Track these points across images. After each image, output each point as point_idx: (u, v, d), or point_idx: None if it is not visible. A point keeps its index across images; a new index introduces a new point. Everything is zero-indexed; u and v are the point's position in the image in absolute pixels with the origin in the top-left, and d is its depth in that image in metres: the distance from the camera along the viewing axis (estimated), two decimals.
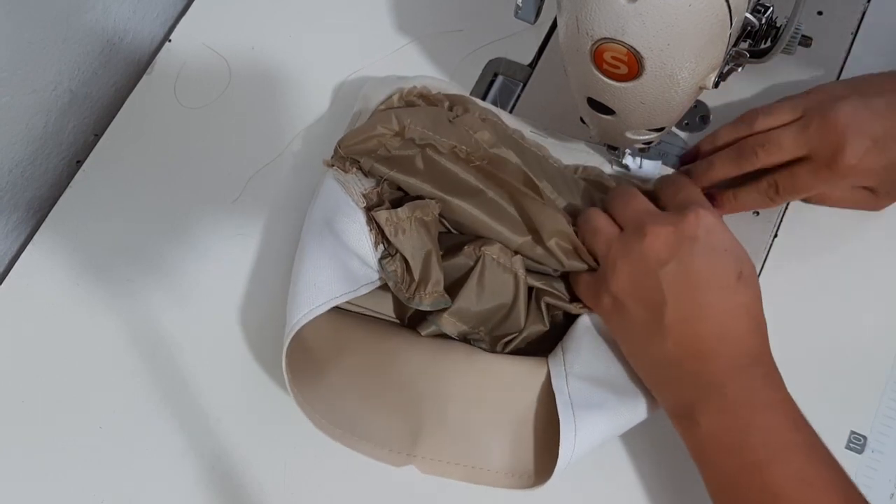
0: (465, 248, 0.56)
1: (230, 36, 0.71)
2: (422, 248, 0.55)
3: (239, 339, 0.61)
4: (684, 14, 0.43)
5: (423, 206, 0.56)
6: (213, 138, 0.68)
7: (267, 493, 0.57)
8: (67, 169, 0.71)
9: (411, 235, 0.55)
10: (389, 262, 0.55)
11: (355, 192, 0.56)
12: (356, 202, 0.56)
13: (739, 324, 0.49)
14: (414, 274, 0.54)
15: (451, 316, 0.55)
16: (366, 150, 0.58)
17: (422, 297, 0.54)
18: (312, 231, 0.56)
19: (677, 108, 0.50)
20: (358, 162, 0.58)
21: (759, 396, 0.47)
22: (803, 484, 0.45)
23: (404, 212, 0.55)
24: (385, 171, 0.57)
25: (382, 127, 0.57)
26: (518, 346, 0.56)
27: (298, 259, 0.55)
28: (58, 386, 0.61)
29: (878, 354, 0.56)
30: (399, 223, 0.55)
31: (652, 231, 0.50)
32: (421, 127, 0.57)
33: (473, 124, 0.59)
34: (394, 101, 0.61)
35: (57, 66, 0.66)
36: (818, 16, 0.64)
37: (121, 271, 0.64)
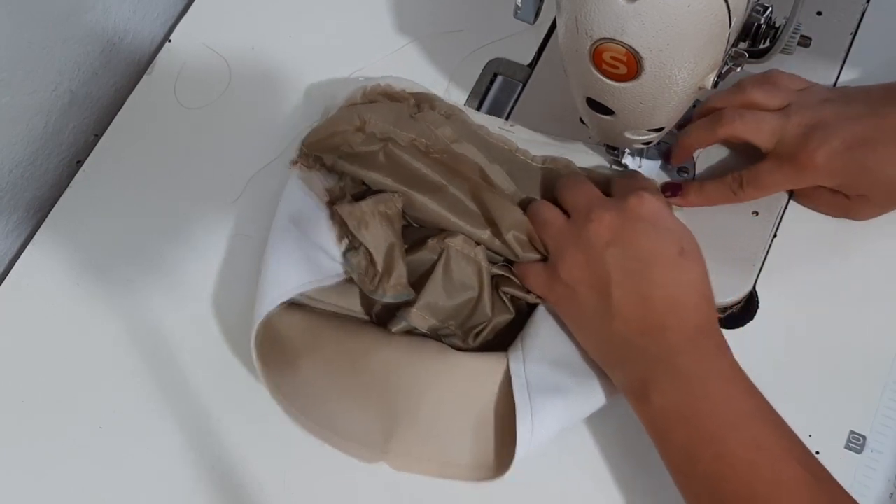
0: (429, 242, 0.57)
1: (230, 36, 0.71)
2: (385, 241, 0.55)
3: (239, 339, 0.61)
4: (683, 14, 0.43)
5: (386, 199, 0.56)
6: (213, 138, 0.68)
7: (267, 493, 0.57)
8: (67, 169, 0.71)
9: (375, 229, 0.55)
10: (353, 255, 0.56)
11: (318, 188, 0.58)
12: (320, 198, 0.57)
13: (685, 298, 0.50)
14: (377, 266, 0.55)
15: (419, 311, 0.56)
16: (329, 147, 0.59)
17: (385, 289, 0.55)
18: (277, 228, 0.57)
19: (676, 108, 0.50)
20: (321, 159, 0.59)
21: (708, 367, 0.48)
22: (759, 451, 0.45)
23: (367, 205, 0.55)
24: (347, 166, 0.58)
25: (344, 123, 0.58)
26: (487, 338, 0.57)
27: (265, 254, 0.57)
28: (58, 386, 0.61)
29: (878, 354, 0.56)
30: (362, 217, 0.55)
31: (597, 216, 0.52)
32: (382, 122, 0.58)
33: (435, 120, 0.59)
34: (357, 99, 0.62)
35: (57, 66, 0.66)
36: (818, 16, 0.64)
37: (121, 271, 0.64)
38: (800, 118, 0.54)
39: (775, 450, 0.46)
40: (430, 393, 0.54)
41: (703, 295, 0.50)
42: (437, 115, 0.60)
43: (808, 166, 0.53)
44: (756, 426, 0.46)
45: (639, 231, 0.51)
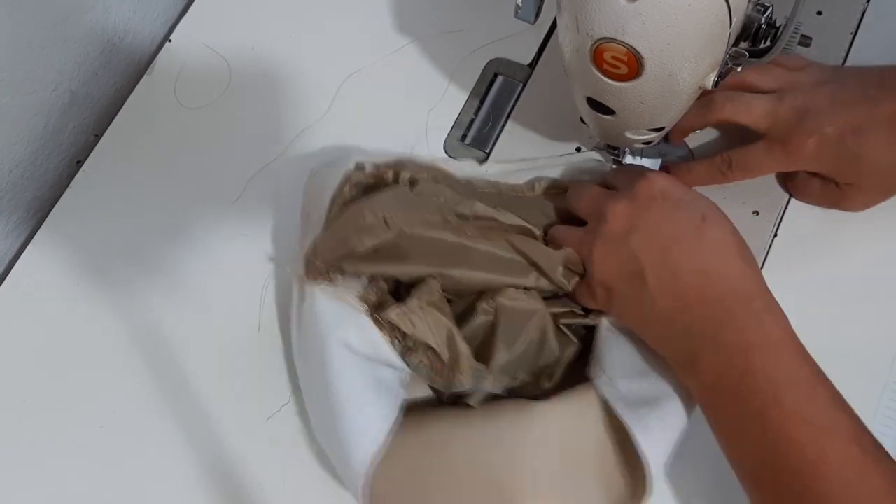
0: (480, 306, 0.54)
1: (230, 36, 0.71)
2: (441, 330, 0.52)
3: (239, 338, 0.61)
4: (684, 14, 0.43)
5: (427, 288, 0.53)
6: (213, 138, 0.68)
7: (267, 493, 0.57)
8: (67, 169, 0.71)
9: (428, 323, 0.52)
10: (413, 356, 0.53)
11: (352, 300, 0.53)
12: (357, 309, 0.53)
13: (715, 264, 0.49)
14: (443, 357, 0.52)
15: (494, 378, 0.53)
16: (344, 255, 0.54)
17: (460, 379, 0.52)
18: (332, 358, 0.52)
19: (677, 108, 0.50)
20: (341, 268, 0.54)
21: (750, 339, 0.47)
22: (804, 423, 0.44)
23: (412, 303, 0.52)
24: (373, 267, 0.54)
25: (352, 226, 0.54)
26: (560, 375, 0.55)
27: (324, 391, 0.52)
28: (58, 386, 0.61)
29: (878, 354, 0.56)
30: (412, 316, 0.52)
31: (610, 210, 0.52)
32: (392, 212, 0.54)
33: (435, 190, 0.57)
34: (346, 194, 0.57)
35: (57, 66, 0.66)
36: (818, 16, 0.64)
37: (121, 271, 0.64)
38: (792, 101, 0.54)
39: (820, 423, 0.44)
40: (529, 456, 0.51)
41: (736, 255, 0.49)
42: (429, 183, 0.58)
43: (799, 152, 0.53)
44: (800, 398, 0.45)
45: (655, 211, 0.51)
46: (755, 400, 0.45)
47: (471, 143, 0.66)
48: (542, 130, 0.64)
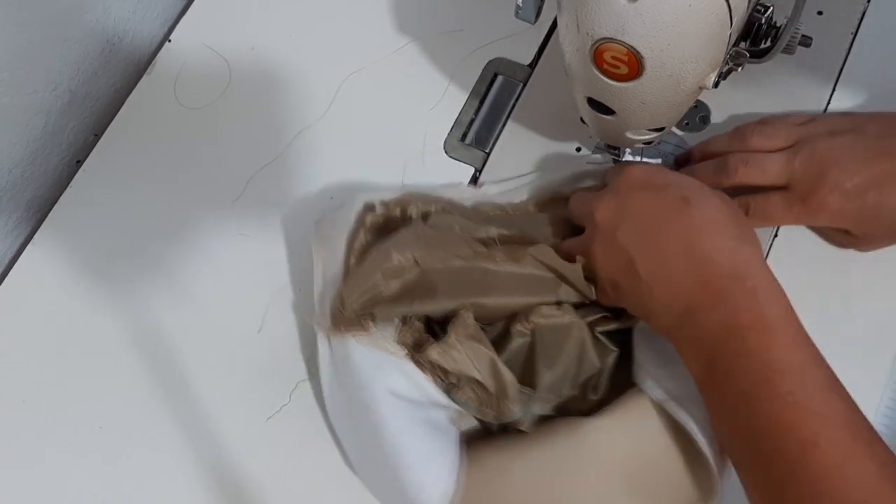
0: (514, 329, 0.54)
1: (230, 36, 0.71)
2: (483, 361, 0.52)
3: (239, 338, 0.61)
4: (684, 14, 0.43)
5: (462, 321, 0.52)
6: (213, 138, 0.68)
7: (267, 493, 0.57)
8: (67, 169, 0.71)
9: (468, 355, 0.51)
10: (459, 393, 0.52)
11: (389, 346, 0.52)
12: (396, 354, 0.52)
13: (701, 245, 0.48)
14: (490, 389, 0.52)
15: (541, 399, 0.53)
16: (372, 299, 0.53)
17: (511, 407, 0.52)
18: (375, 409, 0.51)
19: (677, 108, 0.50)
20: (373, 315, 0.53)
21: (743, 320, 0.46)
22: (793, 406, 0.43)
23: (451, 338, 0.51)
24: (406, 309, 0.53)
25: (377, 271, 0.53)
26: (605, 385, 0.55)
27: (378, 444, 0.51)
28: (58, 386, 0.61)
29: (878, 354, 0.56)
30: (453, 352, 0.51)
31: (597, 208, 0.52)
32: (420, 251, 0.53)
33: (447, 221, 0.57)
34: (362, 239, 0.56)
35: (57, 66, 0.66)
36: (818, 16, 0.64)
37: (121, 271, 0.64)
38: (809, 154, 0.53)
39: (809, 406, 0.44)
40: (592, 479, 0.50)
41: (724, 233, 0.48)
42: (444, 215, 0.57)
43: (821, 209, 0.53)
44: (791, 381, 0.44)
45: (636, 201, 0.51)
46: (745, 381, 0.45)
47: (471, 142, 0.66)
48: (542, 130, 0.64)
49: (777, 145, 0.55)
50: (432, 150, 0.65)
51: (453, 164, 0.65)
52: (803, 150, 0.53)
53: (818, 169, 0.53)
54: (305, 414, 0.58)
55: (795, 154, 0.53)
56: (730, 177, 0.55)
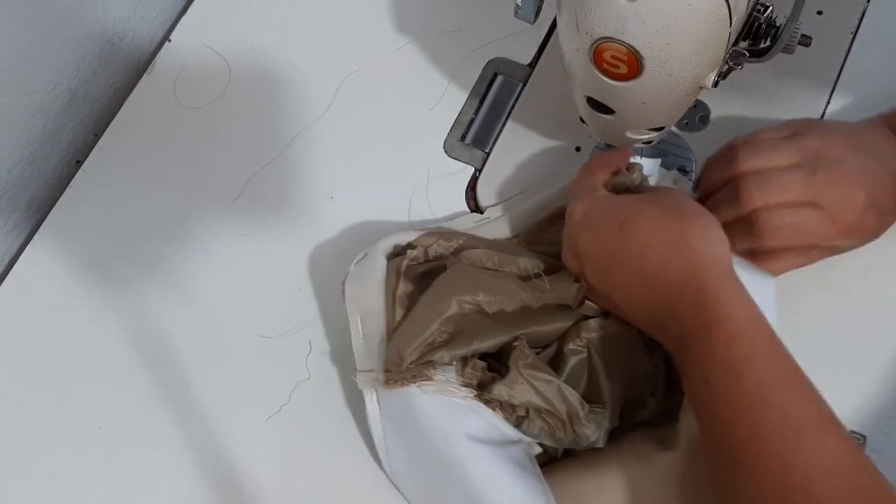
0: (568, 348, 0.54)
1: (230, 36, 0.71)
2: (550, 388, 0.51)
3: (239, 338, 0.61)
4: (684, 13, 0.43)
5: (520, 353, 0.52)
6: (213, 138, 0.68)
7: (267, 493, 0.57)
8: (67, 169, 0.71)
9: (533, 385, 0.51)
10: (531, 425, 0.51)
11: (456, 390, 0.51)
12: (465, 397, 0.51)
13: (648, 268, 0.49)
14: (561, 415, 0.51)
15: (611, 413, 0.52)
16: (429, 347, 0.53)
17: (586, 432, 0.51)
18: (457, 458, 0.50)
19: (677, 108, 0.50)
20: (433, 363, 0.52)
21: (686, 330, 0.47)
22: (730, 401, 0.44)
23: (514, 372, 0.51)
24: (462, 351, 0.52)
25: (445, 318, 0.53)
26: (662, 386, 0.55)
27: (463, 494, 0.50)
28: (58, 386, 0.61)
29: (879, 354, 0.56)
30: (517, 387, 0.51)
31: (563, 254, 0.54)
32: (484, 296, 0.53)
33: (478, 257, 0.56)
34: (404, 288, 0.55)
35: (56, 66, 0.66)
36: (818, 15, 0.64)
37: (121, 271, 0.64)
38: (830, 173, 0.52)
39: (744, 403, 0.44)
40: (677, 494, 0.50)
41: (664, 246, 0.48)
42: (475, 251, 0.56)
43: (854, 227, 0.52)
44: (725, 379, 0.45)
45: (583, 242, 0.51)
46: (693, 385, 0.46)
47: (471, 142, 0.66)
48: (542, 130, 0.64)
49: (781, 163, 0.53)
50: (432, 150, 0.65)
51: (453, 163, 0.65)
52: (822, 168, 0.52)
53: (851, 190, 0.52)
54: (306, 413, 0.58)
55: (814, 171, 0.52)
56: (745, 204, 0.53)
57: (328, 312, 0.61)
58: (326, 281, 0.61)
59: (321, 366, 0.59)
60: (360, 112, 0.67)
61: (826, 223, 0.52)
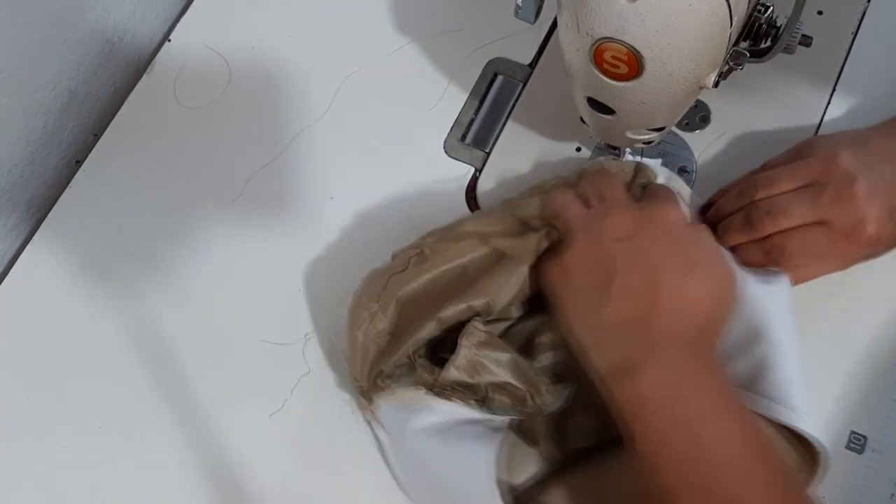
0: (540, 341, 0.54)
1: (230, 36, 0.71)
2: (504, 363, 0.51)
3: (239, 338, 0.61)
4: (684, 13, 0.43)
5: (470, 332, 0.52)
6: (213, 138, 0.68)
7: (267, 493, 0.57)
8: (67, 169, 0.71)
9: (486, 363, 0.51)
10: (492, 403, 0.51)
11: (408, 392, 0.52)
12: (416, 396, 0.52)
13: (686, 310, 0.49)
14: (520, 386, 0.51)
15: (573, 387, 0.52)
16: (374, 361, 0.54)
17: (545, 400, 0.51)
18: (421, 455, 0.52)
19: (677, 108, 0.50)
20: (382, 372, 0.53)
21: (695, 365, 0.47)
22: (732, 440, 0.45)
23: (464, 351, 0.51)
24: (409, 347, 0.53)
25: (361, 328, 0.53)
26: None
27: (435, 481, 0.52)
28: (58, 386, 0.61)
29: (879, 354, 0.56)
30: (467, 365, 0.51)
31: (617, 213, 0.51)
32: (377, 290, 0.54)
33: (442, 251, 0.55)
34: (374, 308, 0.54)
35: (56, 66, 0.66)
36: (818, 15, 0.64)
37: (121, 271, 0.64)
38: (836, 191, 0.52)
39: (750, 441, 0.45)
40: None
41: (701, 312, 0.49)
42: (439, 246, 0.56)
43: (866, 240, 0.52)
44: (735, 420, 0.46)
45: (655, 237, 0.50)
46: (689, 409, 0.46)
47: (471, 142, 0.66)
48: (542, 130, 0.64)
49: (788, 188, 0.54)
50: (432, 150, 0.65)
51: (453, 163, 0.65)
52: (828, 187, 0.52)
53: (856, 205, 0.52)
54: (307, 411, 0.58)
55: (819, 192, 0.53)
56: (758, 231, 0.54)
57: (328, 312, 0.61)
58: (326, 281, 0.61)
59: (321, 361, 0.59)
60: (360, 112, 0.67)
61: (840, 240, 0.53)
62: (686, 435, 0.45)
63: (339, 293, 0.57)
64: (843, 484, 0.48)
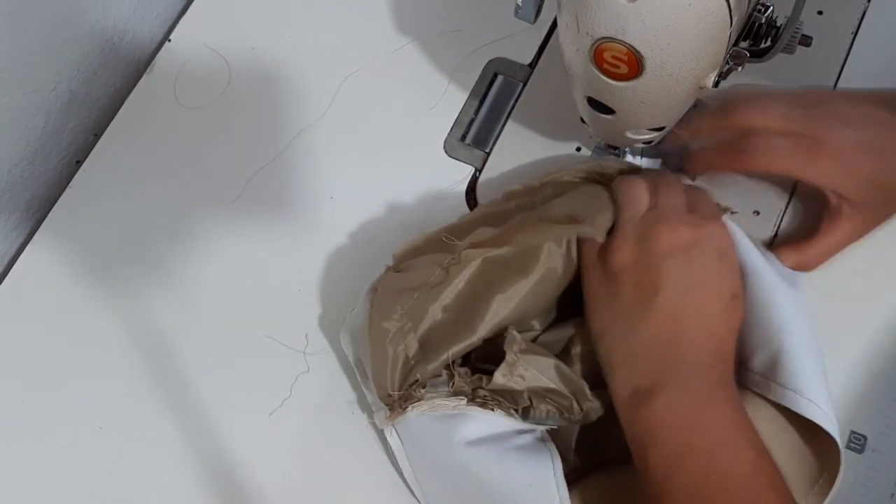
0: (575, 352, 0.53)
1: (230, 36, 0.71)
2: (549, 369, 0.51)
3: (239, 338, 0.61)
4: (684, 13, 0.43)
5: (512, 340, 0.51)
6: (213, 138, 0.68)
7: (267, 493, 0.57)
8: (67, 169, 0.71)
9: (531, 368, 0.50)
10: (537, 412, 0.51)
11: (447, 401, 0.51)
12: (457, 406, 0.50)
13: (721, 337, 0.49)
14: (565, 392, 0.51)
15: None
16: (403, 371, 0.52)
17: (592, 405, 0.51)
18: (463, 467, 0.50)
19: (677, 108, 0.50)
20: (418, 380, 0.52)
21: (718, 395, 0.47)
22: (750, 473, 0.45)
23: (510, 356, 0.50)
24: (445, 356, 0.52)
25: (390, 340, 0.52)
26: None
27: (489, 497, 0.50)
28: (58, 386, 0.61)
29: (879, 354, 0.56)
30: (514, 370, 0.50)
31: (675, 223, 0.50)
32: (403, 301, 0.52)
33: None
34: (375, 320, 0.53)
35: (56, 66, 0.66)
36: (818, 15, 0.64)
37: (121, 271, 0.64)
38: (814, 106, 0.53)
39: (765, 475, 0.45)
40: None
41: (732, 344, 0.49)
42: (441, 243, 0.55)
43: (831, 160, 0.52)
44: (751, 452, 0.46)
45: (707, 255, 0.50)
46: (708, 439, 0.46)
47: (471, 142, 0.66)
48: (542, 130, 0.64)
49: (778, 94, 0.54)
50: (432, 150, 0.65)
51: (453, 163, 0.65)
52: (818, 108, 0.53)
53: (828, 120, 0.52)
54: (308, 408, 0.58)
55: (798, 102, 0.53)
56: (730, 115, 0.54)
57: (328, 312, 0.61)
58: (326, 280, 0.61)
59: (321, 360, 0.59)
60: (360, 112, 0.67)
61: (800, 151, 0.52)
62: (702, 462, 0.45)
63: (339, 293, 0.57)
64: (843, 484, 0.48)
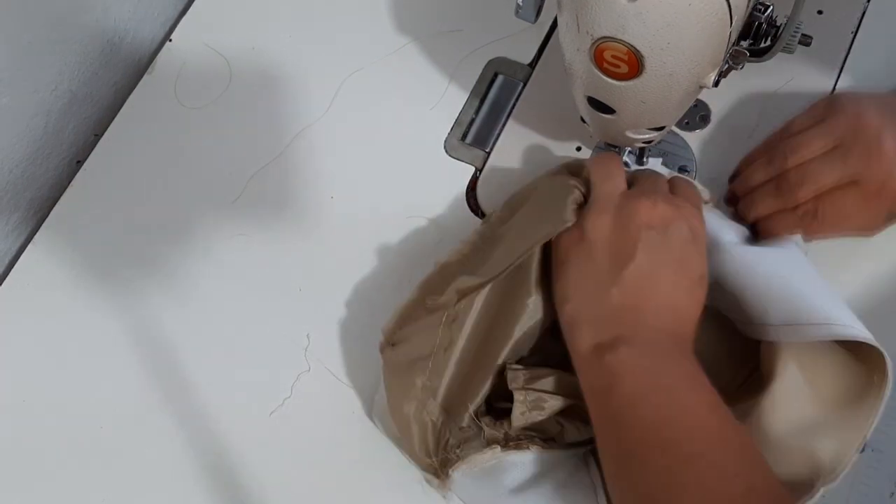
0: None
1: (230, 36, 0.71)
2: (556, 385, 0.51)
3: (238, 338, 0.61)
4: (684, 13, 0.43)
5: (511, 375, 0.52)
6: (213, 138, 0.68)
7: (267, 493, 0.57)
8: (67, 169, 0.71)
9: (542, 395, 0.51)
10: (567, 433, 0.51)
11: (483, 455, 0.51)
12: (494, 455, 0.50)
13: (684, 313, 0.50)
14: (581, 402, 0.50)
15: None
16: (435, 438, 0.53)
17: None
18: None
19: (677, 107, 0.50)
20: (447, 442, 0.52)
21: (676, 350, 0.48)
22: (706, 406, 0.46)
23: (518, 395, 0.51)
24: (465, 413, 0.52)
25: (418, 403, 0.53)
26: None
27: None
28: (58, 386, 0.61)
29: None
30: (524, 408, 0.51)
31: (654, 200, 0.51)
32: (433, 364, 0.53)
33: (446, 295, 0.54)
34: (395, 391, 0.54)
35: (57, 66, 0.66)
36: (818, 15, 0.64)
37: (121, 271, 0.64)
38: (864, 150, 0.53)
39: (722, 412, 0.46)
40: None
41: (693, 318, 0.50)
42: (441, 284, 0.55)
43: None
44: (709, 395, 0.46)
45: (679, 237, 0.50)
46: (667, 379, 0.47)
47: (471, 142, 0.66)
48: (542, 130, 0.64)
49: (817, 151, 0.54)
50: (433, 149, 0.65)
51: (454, 163, 0.65)
52: (854, 147, 0.53)
53: (886, 161, 0.52)
54: (308, 407, 0.58)
55: (846, 153, 0.53)
56: (792, 199, 0.55)
57: (328, 311, 0.61)
58: (326, 280, 0.61)
59: (321, 360, 0.60)
60: (361, 112, 0.67)
61: (871, 198, 0.54)
62: (663, 398, 0.46)
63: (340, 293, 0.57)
64: (843, 483, 0.48)
